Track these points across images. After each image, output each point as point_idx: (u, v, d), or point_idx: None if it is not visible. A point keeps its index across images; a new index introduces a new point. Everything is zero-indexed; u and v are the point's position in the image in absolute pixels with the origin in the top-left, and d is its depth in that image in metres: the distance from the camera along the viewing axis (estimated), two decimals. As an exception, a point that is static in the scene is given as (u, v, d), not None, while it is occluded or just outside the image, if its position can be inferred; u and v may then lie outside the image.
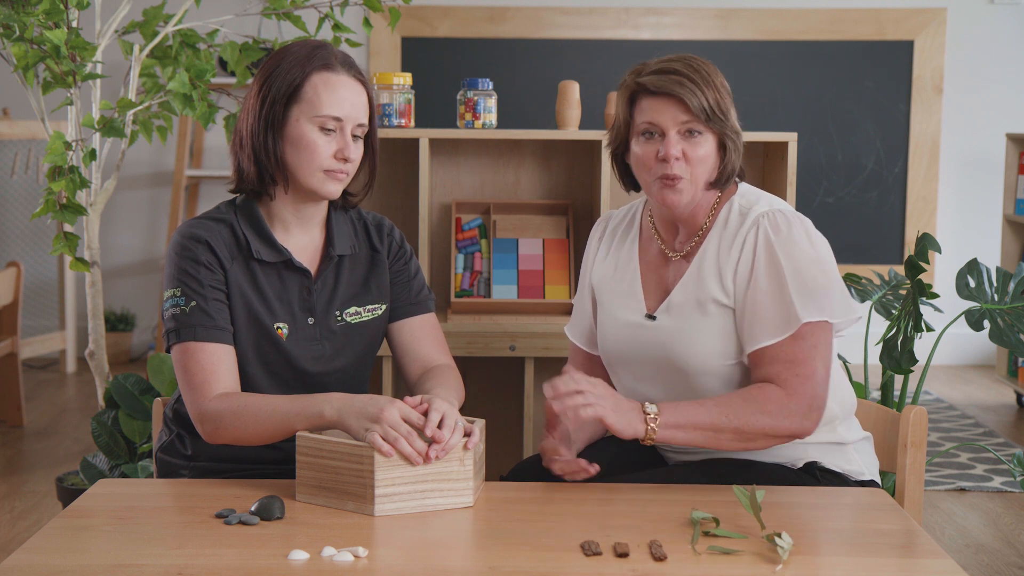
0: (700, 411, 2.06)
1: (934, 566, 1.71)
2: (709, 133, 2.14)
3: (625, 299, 2.26)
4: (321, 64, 2.16)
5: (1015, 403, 5.62)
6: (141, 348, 6.62)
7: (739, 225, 2.16)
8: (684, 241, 2.23)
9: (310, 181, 2.16)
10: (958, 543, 3.70)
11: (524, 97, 6.38)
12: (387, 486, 1.87)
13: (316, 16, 4.63)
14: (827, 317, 2.10)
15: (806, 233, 2.13)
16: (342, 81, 2.16)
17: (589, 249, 2.38)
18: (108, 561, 1.68)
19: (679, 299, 2.18)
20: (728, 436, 2.06)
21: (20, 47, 3.11)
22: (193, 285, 2.14)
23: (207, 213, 2.24)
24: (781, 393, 2.08)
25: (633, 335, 2.23)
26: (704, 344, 2.15)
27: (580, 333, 2.40)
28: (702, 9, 6.48)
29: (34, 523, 3.79)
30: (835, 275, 2.14)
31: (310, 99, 2.15)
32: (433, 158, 3.44)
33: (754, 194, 2.22)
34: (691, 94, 2.10)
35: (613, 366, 2.30)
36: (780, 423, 2.07)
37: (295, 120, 2.15)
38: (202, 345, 2.12)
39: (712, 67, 2.16)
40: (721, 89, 2.14)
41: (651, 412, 2.04)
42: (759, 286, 2.11)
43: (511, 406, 3.51)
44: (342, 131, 2.16)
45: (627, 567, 1.67)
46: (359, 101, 2.18)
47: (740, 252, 2.14)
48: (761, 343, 2.10)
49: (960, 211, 6.64)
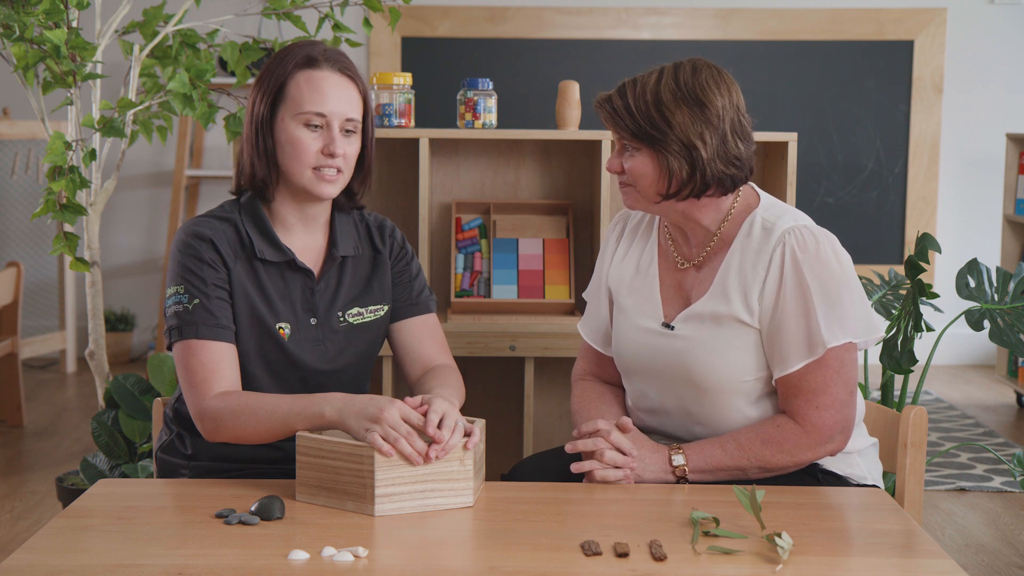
0: (723, 456, 2.12)
1: (934, 566, 1.71)
2: (645, 148, 2.13)
3: (643, 305, 2.26)
4: (304, 62, 2.16)
5: (1015, 403, 5.62)
6: (141, 348, 6.62)
7: (764, 241, 2.14)
8: (697, 249, 2.22)
9: (301, 180, 2.16)
10: (958, 543, 3.70)
11: (524, 97, 6.38)
12: (387, 486, 1.87)
13: (316, 16, 4.63)
14: (851, 338, 2.11)
15: (833, 251, 2.13)
16: (326, 77, 2.16)
17: (607, 248, 2.37)
18: (108, 561, 1.68)
19: (700, 311, 2.17)
20: (754, 472, 2.13)
21: (20, 47, 3.11)
22: (196, 283, 2.14)
23: (211, 212, 2.24)
24: (798, 431, 2.11)
25: (649, 343, 2.23)
26: (721, 359, 2.15)
27: (593, 333, 2.39)
28: (702, 9, 6.48)
29: (34, 523, 3.78)
30: (860, 293, 2.14)
31: (293, 97, 2.15)
32: (433, 158, 3.44)
33: (778, 208, 2.19)
34: (616, 115, 2.14)
35: (628, 372, 2.30)
36: (802, 456, 2.13)
37: (282, 120, 2.16)
38: (204, 343, 2.12)
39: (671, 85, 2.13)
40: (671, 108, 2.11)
41: (678, 463, 2.11)
42: (786, 306, 2.11)
43: (511, 406, 3.51)
44: (328, 127, 2.15)
45: (627, 567, 1.67)
46: (346, 96, 2.17)
47: (767, 271, 2.12)
48: (786, 369, 2.12)
49: (960, 211, 6.64)
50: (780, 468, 2.12)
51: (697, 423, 2.20)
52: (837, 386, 2.11)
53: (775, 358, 2.13)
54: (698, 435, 2.20)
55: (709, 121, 2.10)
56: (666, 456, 2.12)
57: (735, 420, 2.17)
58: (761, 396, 2.17)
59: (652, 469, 2.11)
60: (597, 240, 3.34)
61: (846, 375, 2.12)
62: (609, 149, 3.23)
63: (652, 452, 2.12)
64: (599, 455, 2.09)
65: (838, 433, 2.12)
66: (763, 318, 2.13)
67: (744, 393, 2.16)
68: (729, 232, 2.19)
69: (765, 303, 2.13)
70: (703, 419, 2.19)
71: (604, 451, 2.08)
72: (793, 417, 2.12)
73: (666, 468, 2.11)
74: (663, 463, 2.11)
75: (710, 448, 2.12)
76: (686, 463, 2.11)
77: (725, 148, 2.12)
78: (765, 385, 2.17)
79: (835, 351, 2.10)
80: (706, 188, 2.13)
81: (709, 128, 2.10)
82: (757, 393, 2.17)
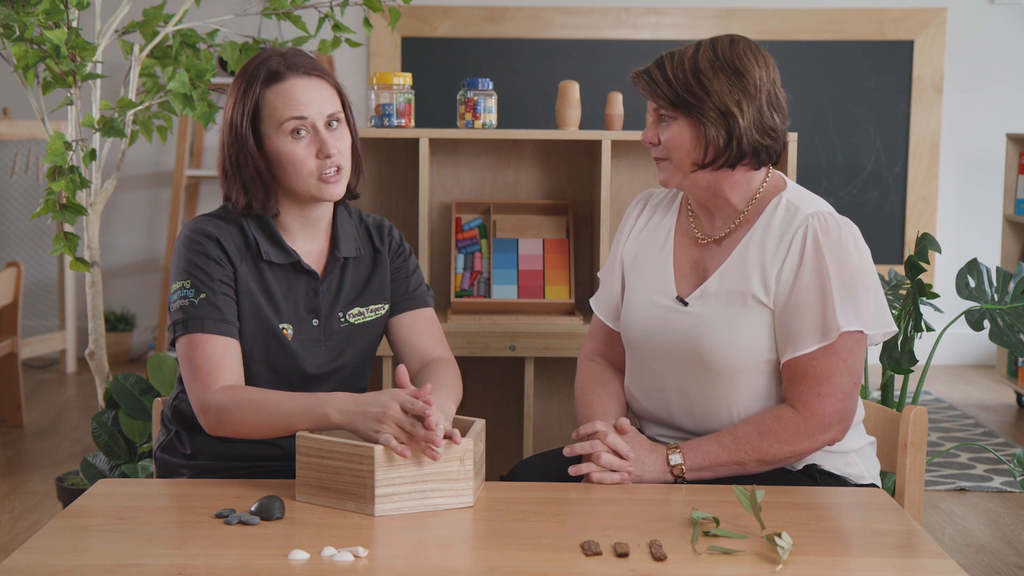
0: (721, 451, 2.12)
1: (934, 566, 1.71)
2: (682, 117, 2.16)
3: (655, 280, 2.27)
4: (266, 78, 2.16)
5: (1015, 403, 5.62)
6: (141, 348, 6.62)
7: (787, 222, 2.16)
8: (721, 226, 2.24)
9: (307, 188, 2.17)
10: (958, 543, 3.70)
11: (524, 97, 6.38)
12: (387, 486, 1.87)
13: (316, 16, 4.63)
14: (863, 327, 2.12)
15: (854, 240, 2.15)
16: (292, 84, 2.15)
17: (626, 223, 2.39)
18: (108, 561, 1.68)
19: (715, 288, 2.19)
20: (753, 465, 2.13)
21: (20, 47, 3.11)
22: (203, 278, 2.14)
23: (215, 212, 2.24)
24: (797, 419, 2.12)
25: (661, 318, 2.23)
26: (735, 337, 2.15)
27: (605, 307, 2.40)
28: (702, 9, 6.48)
29: (34, 523, 3.79)
30: (876, 285, 2.16)
31: (269, 113, 2.15)
32: (433, 158, 3.44)
33: (804, 194, 2.23)
34: (653, 84, 2.17)
35: (635, 349, 2.30)
36: (800, 447, 2.13)
37: (267, 139, 2.16)
38: (209, 337, 2.12)
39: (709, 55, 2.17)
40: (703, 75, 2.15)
41: (675, 463, 2.11)
42: (803, 288, 2.12)
43: (511, 406, 3.51)
44: (313, 128, 2.15)
45: (627, 567, 1.67)
46: (319, 94, 2.17)
47: (787, 251, 2.14)
48: (796, 352, 2.12)
49: (960, 211, 6.64)
50: (778, 459, 2.12)
51: (699, 404, 2.20)
52: (842, 375, 2.11)
53: (787, 340, 2.14)
54: (698, 417, 2.21)
55: (746, 90, 2.15)
56: (663, 456, 2.12)
57: (738, 403, 2.17)
58: (767, 381, 2.17)
59: (650, 469, 2.11)
60: (597, 240, 3.34)
61: (853, 365, 2.12)
62: (609, 149, 3.24)
63: (650, 452, 2.12)
64: (596, 458, 2.09)
65: (836, 423, 2.12)
66: (778, 298, 2.14)
67: (751, 375, 2.17)
68: (754, 211, 2.22)
69: (782, 283, 2.14)
70: (706, 400, 2.19)
71: (601, 454, 2.09)
72: (794, 404, 2.13)
73: (664, 468, 2.11)
74: (661, 463, 2.11)
75: (707, 445, 2.13)
76: (683, 462, 2.11)
77: (761, 119, 2.17)
78: (772, 370, 2.17)
79: (846, 339, 2.11)
80: (741, 157, 2.17)
81: (746, 97, 2.15)
82: (764, 376, 2.17)
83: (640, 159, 3.44)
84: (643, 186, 3.44)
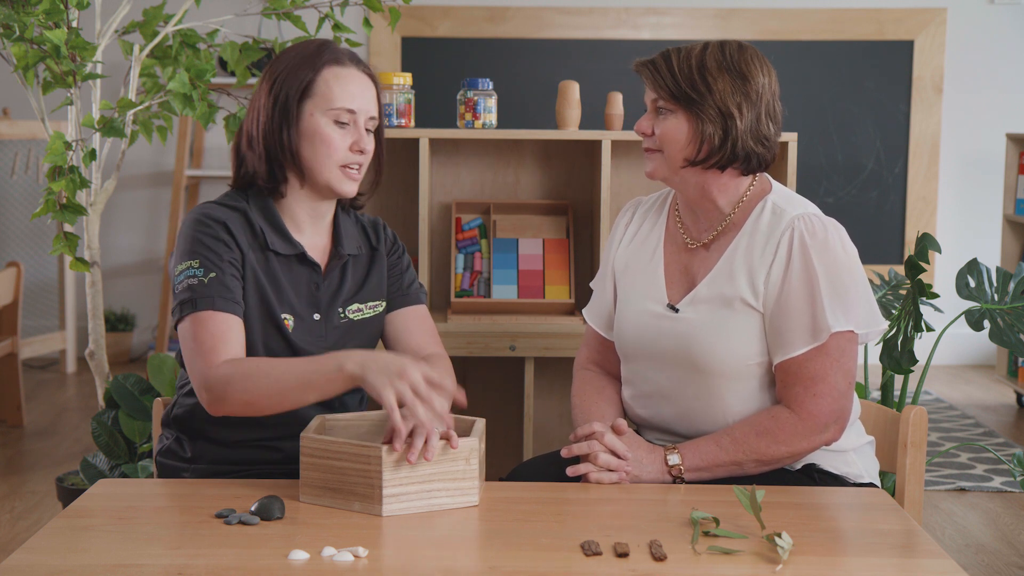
0: (719, 452, 2.12)
1: (934, 566, 1.71)
2: (681, 110, 2.16)
3: (647, 288, 2.27)
4: (331, 59, 2.19)
5: (1015, 403, 5.62)
6: (141, 348, 6.62)
7: (773, 225, 2.17)
8: (707, 228, 2.24)
9: (327, 176, 2.18)
10: (958, 543, 3.70)
11: (524, 97, 6.38)
12: (395, 486, 1.87)
13: (316, 16, 4.63)
14: (854, 327, 2.13)
15: (840, 241, 2.16)
16: (352, 74, 2.19)
17: (615, 233, 2.39)
18: (108, 561, 1.68)
19: (706, 293, 2.19)
20: (751, 465, 2.13)
21: (20, 47, 3.11)
22: (212, 258, 2.13)
23: (220, 199, 2.24)
24: (793, 419, 2.12)
25: (654, 326, 2.24)
26: (726, 341, 2.16)
27: (598, 317, 2.40)
28: (702, 9, 6.48)
29: (34, 523, 3.79)
30: (864, 284, 2.16)
31: (323, 93, 2.17)
32: (433, 158, 3.44)
33: (790, 196, 2.23)
34: (657, 75, 2.18)
35: (629, 357, 2.30)
36: (797, 447, 2.13)
37: (309, 115, 2.17)
38: (216, 314, 2.09)
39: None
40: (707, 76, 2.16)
41: (674, 463, 2.12)
42: (792, 291, 2.12)
43: (511, 406, 3.51)
44: (356, 124, 2.19)
45: (627, 567, 1.67)
46: (369, 95, 2.21)
47: (774, 254, 2.15)
48: (788, 354, 2.13)
49: (960, 211, 6.64)
50: (776, 460, 2.13)
51: (694, 410, 2.20)
52: (836, 375, 2.12)
53: (777, 343, 2.14)
54: (694, 422, 2.21)
55: (748, 95, 2.16)
56: (662, 456, 2.12)
57: (733, 407, 2.18)
58: (761, 384, 2.18)
59: (649, 470, 2.11)
60: (597, 240, 3.34)
61: (845, 365, 2.13)
62: (609, 149, 3.24)
63: (648, 453, 2.13)
64: (593, 458, 2.10)
65: (833, 423, 2.13)
66: (767, 301, 2.15)
67: (745, 379, 2.17)
68: (741, 215, 2.22)
69: (771, 286, 2.14)
70: (701, 405, 2.19)
71: (599, 454, 2.09)
72: (789, 405, 2.13)
73: (662, 468, 2.11)
74: (659, 463, 2.12)
75: (705, 445, 2.13)
76: (682, 462, 2.11)
77: (758, 125, 2.18)
78: (766, 372, 2.18)
79: (837, 339, 2.11)
80: (733, 160, 2.17)
81: (747, 101, 2.16)
82: (757, 380, 2.18)
83: (640, 159, 3.44)
84: (643, 186, 3.44)
